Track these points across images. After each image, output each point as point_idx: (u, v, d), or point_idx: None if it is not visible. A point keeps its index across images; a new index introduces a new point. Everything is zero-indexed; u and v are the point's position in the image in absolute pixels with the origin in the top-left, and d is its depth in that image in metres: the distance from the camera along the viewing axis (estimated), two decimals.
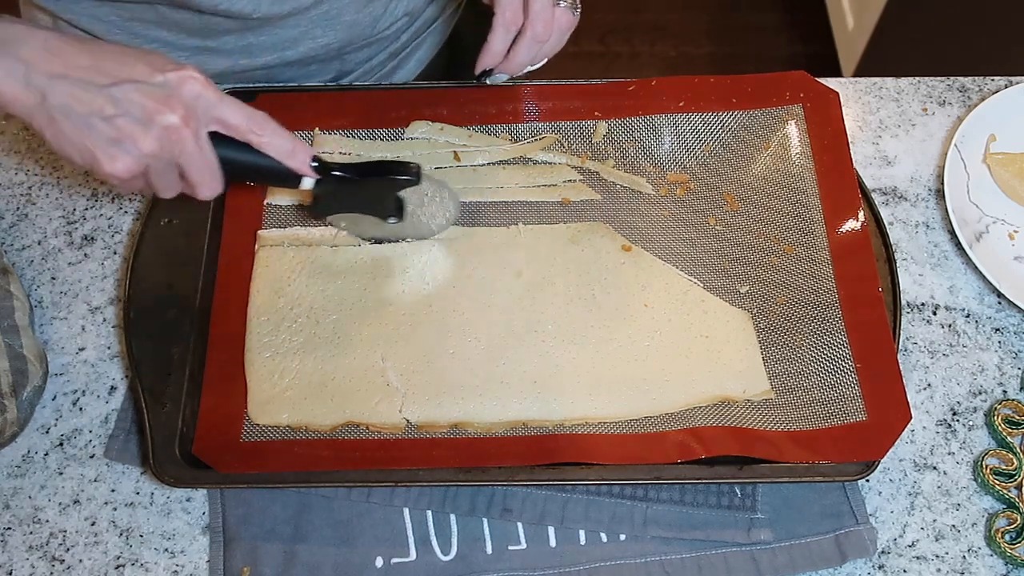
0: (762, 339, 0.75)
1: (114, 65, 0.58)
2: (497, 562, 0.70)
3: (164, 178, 0.61)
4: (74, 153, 0.58)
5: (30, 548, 0.70)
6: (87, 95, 0.57)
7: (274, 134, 0.63)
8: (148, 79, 0.58)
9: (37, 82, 0.56)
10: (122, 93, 0.57)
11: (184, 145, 0.59)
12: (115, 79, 0.57)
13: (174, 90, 0.58)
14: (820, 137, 0.82)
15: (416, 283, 0.77)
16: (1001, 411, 0.75)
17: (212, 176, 0.62)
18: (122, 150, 0.58)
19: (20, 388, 0.71)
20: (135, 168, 0.59)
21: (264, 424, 0.71)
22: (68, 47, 0.57)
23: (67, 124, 0.57)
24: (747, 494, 0.71)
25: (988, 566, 0.70)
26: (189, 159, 0.60)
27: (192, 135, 0.59)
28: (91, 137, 0.57)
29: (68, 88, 0.57)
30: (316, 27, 0.80)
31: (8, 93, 0.57)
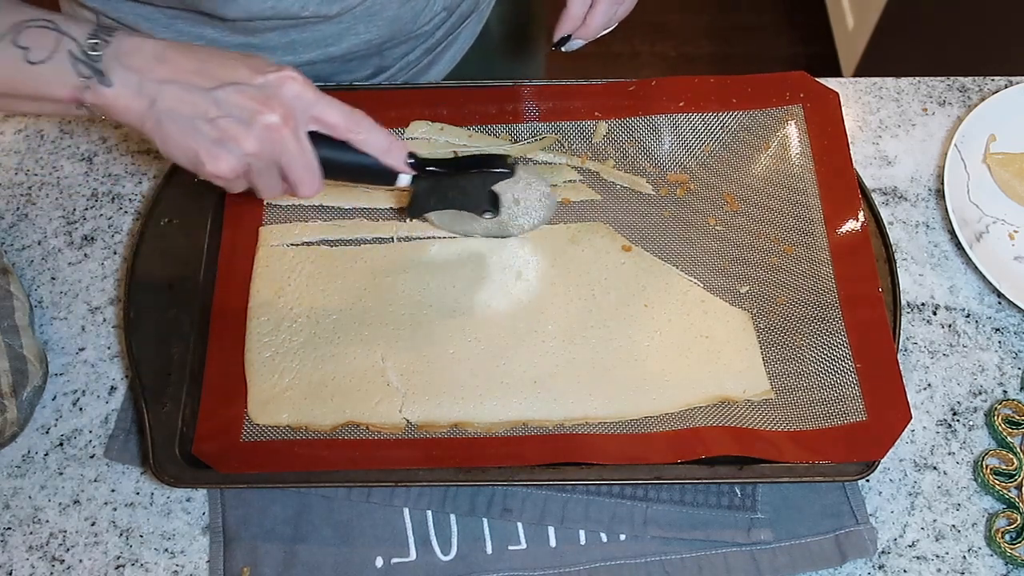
0: (762, 339, 0.75)
1: (218, 68, 0.60)
2: (497, 562, 0.70)
3: (266, 178, 0.63)
4: (180, 155, 0.60)
5: (30, 548, 0.70)
6: (192, 98, 0.59)
7: (371, 131, 0.64)
8: (249, 81, 0.60)
9: (147, 89, 0.59)
10: (225, 95, 0.59)
11: (285, 144, 0.61)
12: (219, 82, 0.59)
13: (274, 90, 0.60)
14: (820, 137, 0.82)
15: (416, 283, 0.77)
16: (1001, 411, 0.75)
17: (312, 174, 0.63)
18: (225, 150, 0.60)
19: (20, 388, 0.71)
20: (238, 168, 0.60)
21: (264, 424, 0.71)
22: (177, 54, 0.60)
23: (173, 127, 0.59)
24: (747, 494, 0.71)
25: (988, 566, 0.70)
26: (290, 158, 0.62)
27: (292, 134, 0.61)
28: (196, 138, 0.59)
29: (175, 92, 0.59)
30: (359, 23, 0.81)
31: (122, 102, 0.59)
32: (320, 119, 0.62)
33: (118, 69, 0.58)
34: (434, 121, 0.83)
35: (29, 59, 0.58)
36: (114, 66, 0.58)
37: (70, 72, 0.58)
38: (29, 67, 0.58)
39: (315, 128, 0.62)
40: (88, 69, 0.58)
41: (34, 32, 0.58)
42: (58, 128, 0.88)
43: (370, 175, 0.67)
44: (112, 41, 0.58)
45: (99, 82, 0.58)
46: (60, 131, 0.88)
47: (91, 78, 0.58)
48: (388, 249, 0.78)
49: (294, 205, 0.80)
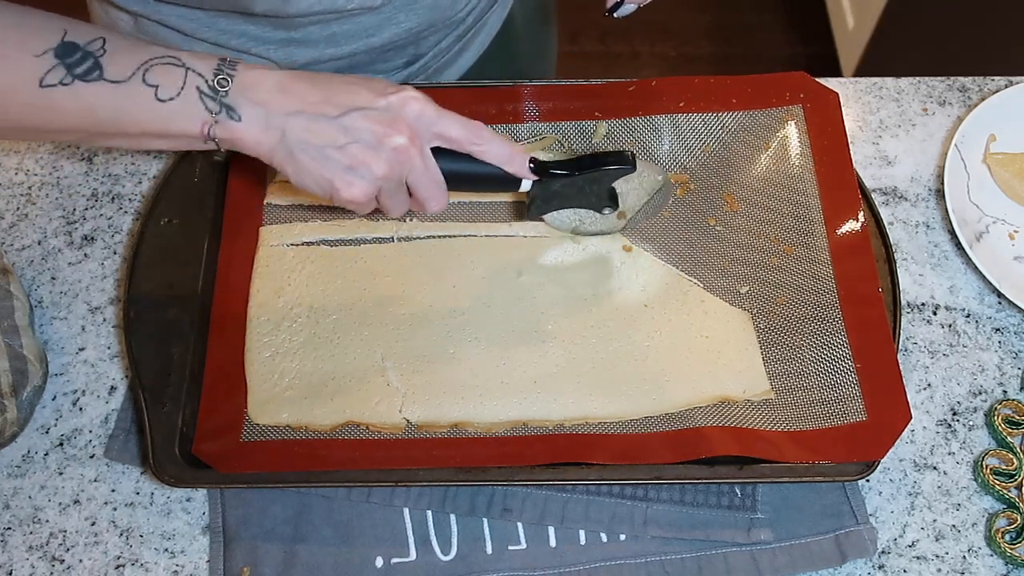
0: (762, 339, 0.75)
1: (342, 95, 0.61)
2: (497, 562, 0.70)
3: (395, 198, 0.64)
4: (313, 184, 0.62)
5: (30, 548, 0.70)
6: (320, 127, 0.60)
7: (492, 142, 0.65)
8: (373, 104, 0.61)
9: (275, 122, 0.60)
10: (351, 121, 0.60)
11: (412, 163, 0.62)
12: (344, 108, 0.60)
13: (398, 112, 0.61)
14: (820, 137, 0.82)
15: (416, 283, 0.77)
16: (1001, 411, 0.75)
17: (439, 190, 0.65)
18: (357, 176, 0.61)
19: (20, 388, 0.71)
20: (371, 191, 0.62)
21: (264, 424, 0.71)
22: (299, 84, 0.61)
23: (305, 157, 0.60)
24: (747, 494, 0.71)
25: (988, 566, 0.70)
26: (417, 177, 0.63)
27: (418, 153, 0.62)
28: (328, 167, 0.61)
29: (303, 123, 0.60)
30: (399, 12, 0.81)
31: (251, 136, 0.60)
32: (443, 135, 0.63)
33: (245, 103, 0.59)
34: None
35: (159, 97, 0.58)
36: (240, 100, 0.59)
37: (199, 108, 0.59)
38: (159, 105, 0.58)
39: (438, 143, 0.64)
40: (216, 104, 0.59)
41: (161, 69, 0.59)
42: None
43: (492, 183, 0.68)
44: (236, 75, 0.59)
45: (228, 116, 0.59)
46: None
47: (220, 113, 0.59)
48: (388, 249, 0.78)
49: (294, 205, 0.80)
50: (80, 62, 0.57)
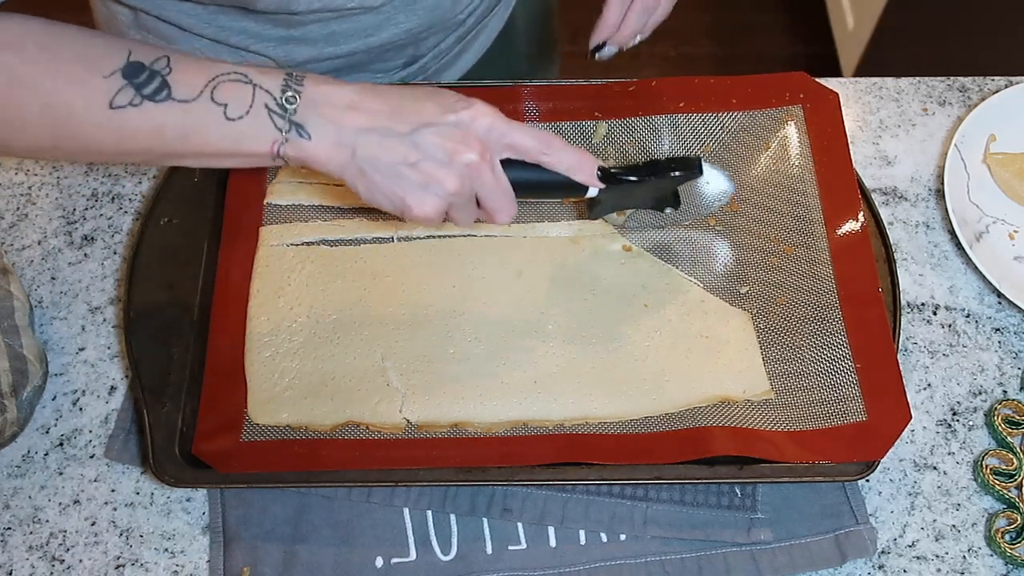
0: (762, 339, 0.75)
1: (410, 112, 0.60)
2: (497, 562, 0.70)
3: (465, 211, 0.64)
4: (385, 201, 0.61)
5: (30, 548, 0.70)
6: (392, 144, 0.59)
7: (562, 151, 0.64)
8: (443, 119, 0.60)
9: (346, 139, 0.59)
10: (423, 138, 0.59)
11: (483, 178, 0.62)
12: (414, 124, 0.59)
13: (468, 127, 0.61)
14: (820, 138, 0.82)
15: (416, 283, 0.77)
16: (1001, 411, 0.75)
17: (509, 201, 0.64)
18: (430, 193, 0.60)
19: (20, 388, 0.71)
20: (442, 208, 0.61)
21: (264, 424, 0.71)
22: (369, 99, 0.60)
23: (377, 175, 0.60)
24: (747, 494, 0.71)
25: (988, 566, 0.70)
26: (488, 190, 0.63)
27: (489, 168, 0.62)
28: (401, 185, 0.60)
29: (375, 140, 0.59)
30: (399, 12, 0.81)
31: (323, 155, 0.59)
32: (513, 146, 0.63)
33: (314, 120, 0.58)
34: None
35: (228, 115, 0.58)
36: (311, 117, 0.58)
37: (269, 126, 0.58)
38: (228, 124, 0.58)
39: (508, 155, 0.63)
40: (285, 122, 0.58)
41: (229, 87, 0.58)
42: None
43: (559, 190, 0.67)
44: (303, 91, 0.59)
45: (298, 135, 0.58)
46: None
47: (289, 131, 0.58)
48: (388, 249, 0.78)
49: (294, 205, 0.80)
50: (148, 82, 0.57)
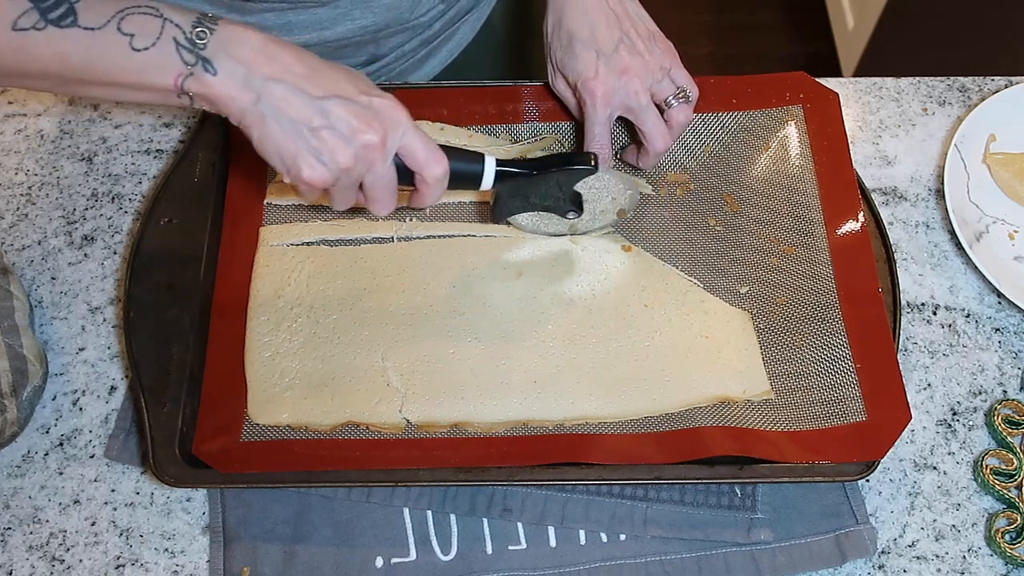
0: (762, 339, 0.75)
1: (326, 79, 0.61)
2: (497, 562, 0.70)
3: (346, 192, 0.64)
4: (275, 154, 0.61)
5: (30, 548, 0.70)
6: (300, 102, 0.59)
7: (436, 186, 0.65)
8: (355, 97, 0.61)
9: (255, 84, 0.59)
10: (332, 107, 0.60)
11: (375, 166, 0.62)
12: (326, 92, 0.60)
13: (377, 112, 0.61)
14: (820, 137, 0.82)
15: (416, 283, 0.77)
16: (1001, 411, 0.75)
17: (392, 196, 0.65)
18: (321, 161, 0.61)
19: (20, 388, 0.71)
20: (329, 180, 0.61)
21: (264, 424, 0.71)
22: (284, 52, 0.60)
23: (276, 126, 0.60)
24: (747, 494, 0.71)
25: (988, 566, 0.70)
26: (376, 178, 0.63)
27: (384, 156, 0.62)
28: (297, 144, 0.60)
29: (283, 92, 0.59)
30: (355, 8, 0.81)
31: (227, 92, 0.59)
32: (407, 149, 0.63)
33: (224, 58, 0.58)
34: (434, 121, 0.83)
35: (134, 46, 0.57)
36: (220, 55, 0.58)
37: (175, 59, 0.58)
38: (134, 54, 0.57)
39: (401, 156, 0.64)
40: (193, 56, 0.58)
41: (137, 18, 0.58)
42: (58, 128, 0.88)
43: (454, 180, 0.67)
44: (217, 29, 0.58)
45: (204, 70, 0.58)
46: (60, 131, 0.88)
47: (196, 65, 0.58)
48: (388, 249, 0.78)
49: (294, 205, 0.80)
50: (54, 7, 0.56)
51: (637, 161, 0.80)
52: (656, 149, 0.76)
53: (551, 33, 0.77)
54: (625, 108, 0.75)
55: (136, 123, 0.89)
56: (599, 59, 0.74)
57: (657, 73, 0.74)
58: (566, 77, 0.77)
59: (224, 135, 0.81)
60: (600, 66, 0.73)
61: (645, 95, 0.74)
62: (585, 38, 0.74)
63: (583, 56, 0.74)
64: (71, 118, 0.89)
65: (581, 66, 0.74)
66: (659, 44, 0.75)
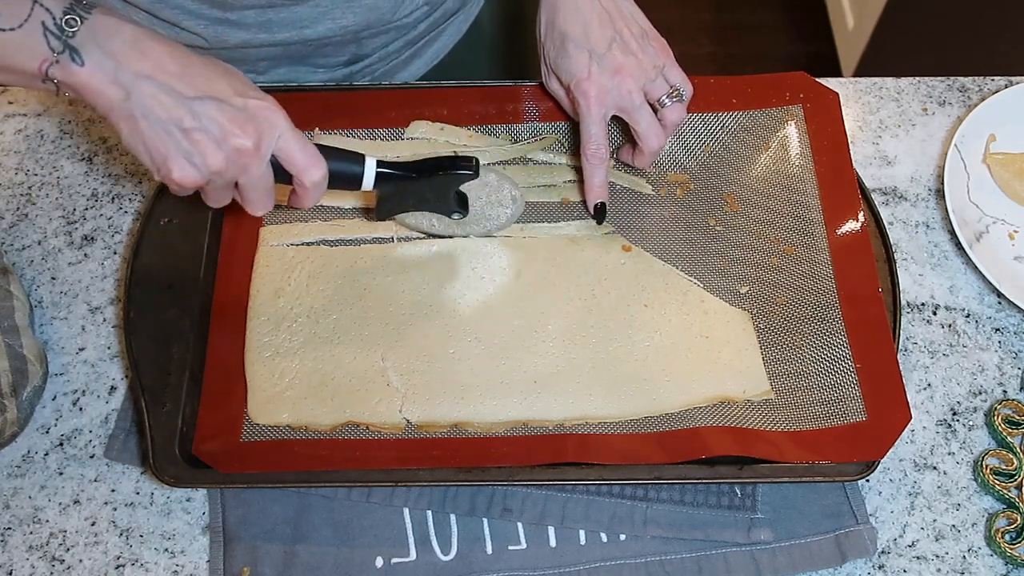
0: (762, 339, 0.75)
1: (200, 78, 0.59)
2: (497, 562, 0.70)
3: (220, 192, 0.64)
4: (144, 154, 0.60)
5: (30, 548, 0.70)
6: (171, 102, 0.58)
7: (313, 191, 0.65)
8: (230, 100, 0.60)
9: (124, 79, 0.58)
10: (203, 108, 0.59)
11: (249, 169, 0.61)
12: (199, 92, 0.59)
13: (252, 115, 0.60)
14: (820, 137, 0.82)
15: (416, 283, 0.77)
16: (1001, 411, 0.75)
17: (268, 198, 0.65)
18: (191, 163, 0.60)
19: (20, 388, 0.71)
20: (199, 180, 0.61)
21: (264, 424, 0.71)
22: (157, 48, 0.59)
23: (145, 124, 0.59)
24: (747, 494, 0.71)
25: (988, 566, 0.70)
26: (250, 180, 0.62)
27: (258, 160, 0.61)
28: (166, 144, 0.59)
29: (153, 91, 0.58)
30: (336, 8, 0.80)
31: (93, 85, 0.58)
32: (284, 152, 0.62)
33: (93, 49, 0.57)
34: (434, 121, 0.83)
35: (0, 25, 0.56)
36: (89, 46, 0.57)
37: (41, 44, 0.57)
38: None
39: (278, 158, 0.63)
40: (60, 43, 0.57)
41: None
42: (58, 128, 0.88)
43: (333, 181, 0.67)
44: (89, 19, 0.57)
45: (71, 59, 0.57)
46: (60, 131, 0.88)
47: (63, 53, 0.57)
48: (388, 249, 0.78)
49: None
50: None
51: (633, 160, 0.80)
52: (651, 148, 0.76)
53: (544, 33, 0.77)
54: (619, 108, 0.75)
55: None
56: (592, 59, 0.73)
57: (651, 72, 0.74)
58: (559, 77, 0.77)
59: None
60: (593, 66, 0.73)
61: (639, 95, 0.74)
62: (578, 38, 0.74)
63: (576, 56, 0.74)
64: (71, 118, 0.89)
65: (574, 66, 0.74)
66: (652, 43, 0.75)
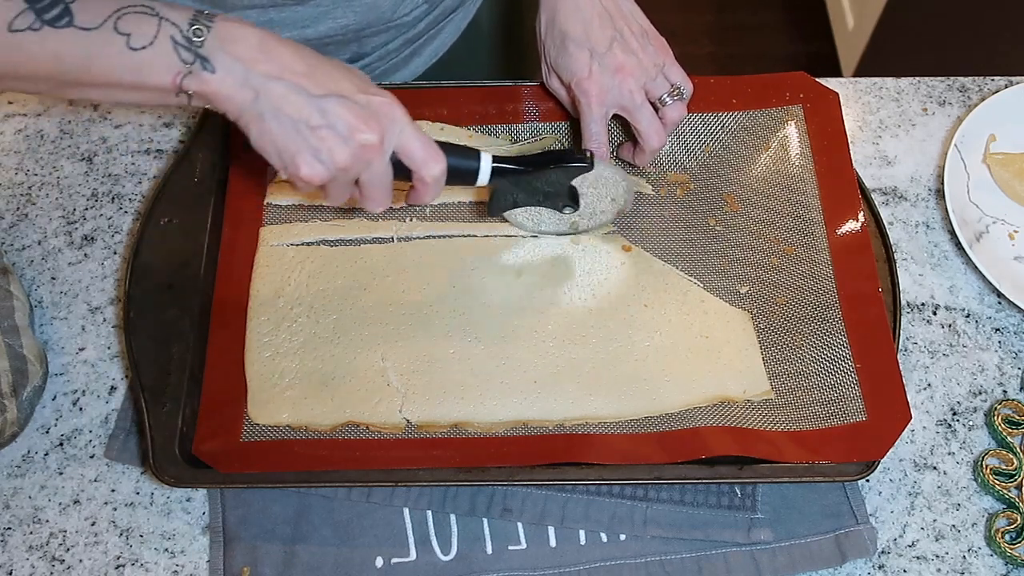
0: (762, 339, 0.75)
1: (326, 77, 0.61)
2: (497, 562, 0.70)
3: (342, 189, 0.65)
4: (273, 152, 0.61)
5: (30, 548, 0.70)
6: (300, 101, 0.59)
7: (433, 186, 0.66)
8: (353, 96, 0.61)
9: (254, 82, 0.59)
10: (330, 106, 0.60)
11: (372, 164, 0.62)
12: (326, 91, 0.60)
13: (375, 111, 0.61)
14: (820, 137, 0.82)
15: (416, 283, 0.77)
16: (1001, 411, 0.75)
17: (387, 195, 0.66)
18: (319, 160, 0.61)
19: (20, 388, 0.71)
20: (325, 177, 0.62)
21: (264, 424, 0.71)
22: (283, 49, 0.60)
23: (275, 124, 0.60)
24: (747, 494, 0.71)
25: (988, 566, 0.70)
26: (372, 176, 0.63)
27: (381, 156, 0.62)
28: (296, 142, 0.60)
29: (282, 91, 0.59)
30: (337, 7, 0.81)
31: (225, 91, 0.59)
32: (404, 148, 0.64)
33: (221, 56, 0.58)
34: (434, 121, 0.83)
35: (131, 45, 0.57)
36: (217, 53, 0.58)
37: (172, 58, 0.58)
38: (131, 53, 0.57)
39: (398, 155, 0.64)
40: (191, 55, 0.58)
41: (134, 18, 0.57)
42: (58, 128, 0.89)
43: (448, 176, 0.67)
44: (213, 27, 0.58)
45: (202, 68, 0.58)
46: (60, 131, 0.88)
47: (194, 63, 0.58)
48: (388, 249, 0.78)
49: (294, 205, 0.80)
50: (50, 7, 0.56)
51: (633, 158, 0.80)
52: (651, 147, 0.76)
53: (544, 32, 0.77)
54: (620, 107, 0.75)
55: (136, 123, 0.89)
56: (593, 58, 0.74)
57: (651, 71, 0.74)
58: (560, 76, 0.77)
59: (224, 135, 0.81)
60: (594, 65, 0.73)
61: (640, 94, 0.74)
62: (578, 37, 0.74)
63: (577, 55, 0.74)
64: (71, 118, 0.89)
65: (575, 65, 0.74)
66: (653, 41, 0.75)
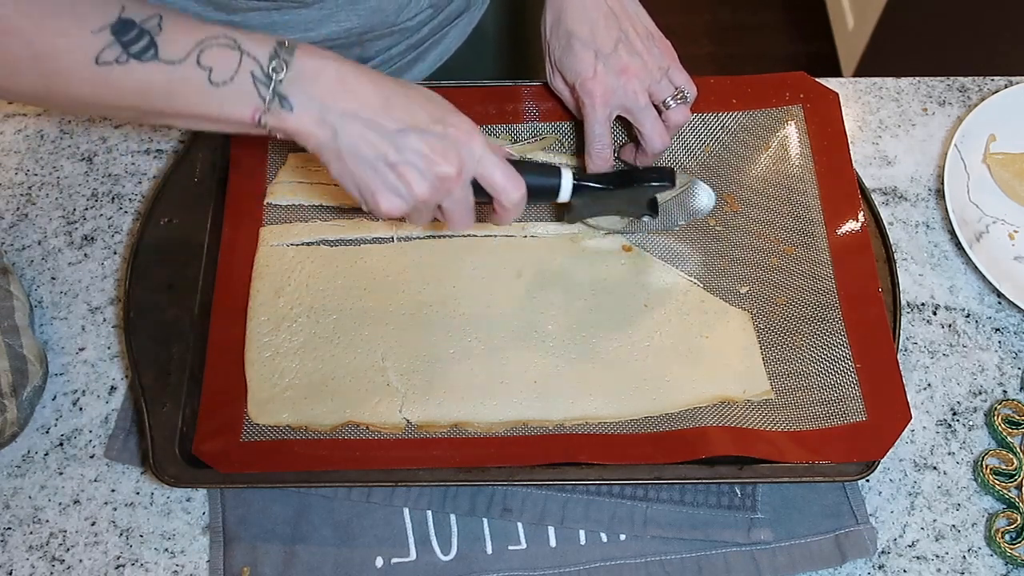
0: (762, 339, 0.75)
1: (401, 110, 0.61)
2: (497, 562, 0.70)
3: (424, 215, 0.66)
4: (352, 187, 0.62)
5: (30, 548, 0.70)
6: (376, 138, 0.60)
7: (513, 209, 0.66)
8: (431, 128, 0.61)
9: (331, 119, 0.59)
10: (407, 141, 0.60)
11: (452, 193, 0.63)
12: (402, 124, 0.60)
13: (452, 142, 0.62)
14: (820, 137, 0.82)
15: (416, 283, 0.77)
16: (1001, 411, 0.75)
17: (469, 216, 0.67)
18: (398, 193, 0.62)
19: (20, 388, 0.71)
20: (406, 210, 0.63)
21: (264, 424, 0.71)
22: (360, 83, 0.60)
23: (353, 162, 0.61)
24: (747, 494, 0.71)
25: (988, 566, 0.70)
26: (453, 203, 0.65)
27: (460, 184, 0.63)
28: (374, 179, 0.61)
29: (359, 129, 0.60)
30: (341, 10, 0.81)
31: (303, 129, 0.60)
32: (485, 177, 0.64)
33: (299, 94, 0.59)
34: None
35: (212, 80, 0.58)
36: (296, 90, 0.59)
37: (252, 94, 0.58)
38: (211, 88, 0.58)
39: (478, 181, 0.64)
40: (269, 92, 0.58)
41: (216, 51, 0.58)
42: (58, 128, 0.88)
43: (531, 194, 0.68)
44: (292, 62, 0.58)
45: (280, 106, 0.59)
46: (60, 131, 0.88)
47: (272, 101, 0.58)
48: (388, 249, 0.78)
49: (294, 205, 0.80)
50: (136, 40, 0.56)
51: (635, 160, 0.80)
52: (654, 149, 0.76)
53: (549, 31, 0.77)
54: (623, 108, 0.75)
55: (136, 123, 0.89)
56: (598, 59, 0.74)
57: (656, 73, 0.74)
58: (564, 76, 0.77)
59: (224, 135, 0.81)
60: (599, 66, 0.74)
61: (644, 96, 0.74)
62: (584, 37, 0.74)
63: (582, 55, 0.74)
64: (71, 118, 0.89)
65: (580, 66, 0.74)
66: (658, 44, 0.75)
